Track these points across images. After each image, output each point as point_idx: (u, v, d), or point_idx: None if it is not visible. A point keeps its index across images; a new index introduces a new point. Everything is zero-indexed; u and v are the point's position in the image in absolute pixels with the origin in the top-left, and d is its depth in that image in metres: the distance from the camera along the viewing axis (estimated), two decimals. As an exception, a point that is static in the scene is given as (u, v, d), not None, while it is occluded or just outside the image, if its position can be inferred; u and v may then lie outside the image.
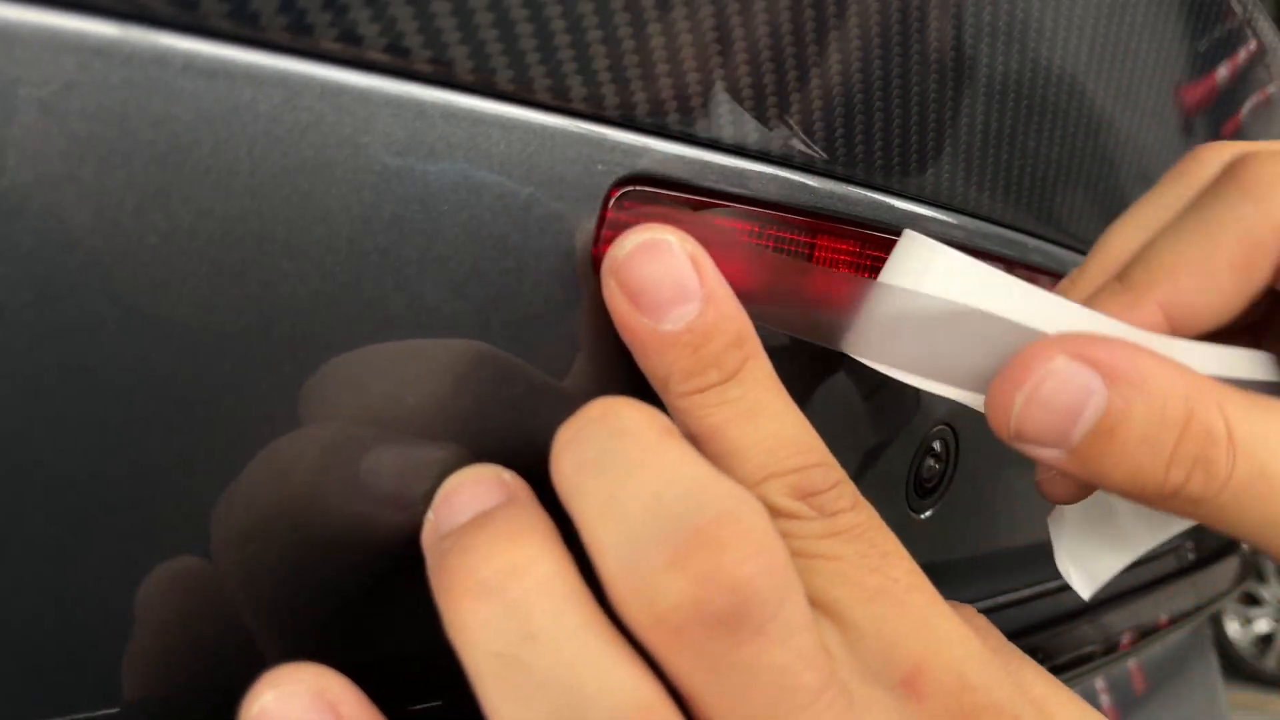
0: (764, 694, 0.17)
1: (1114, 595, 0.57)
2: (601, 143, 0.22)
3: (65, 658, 0.18)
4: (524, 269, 0.21)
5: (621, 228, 0.23)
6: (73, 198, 0.16)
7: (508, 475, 0.21)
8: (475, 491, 0.20)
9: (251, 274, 0.18)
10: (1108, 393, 0.22)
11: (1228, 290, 0.24)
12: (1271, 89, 0.49)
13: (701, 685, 0.17)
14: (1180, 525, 0.30)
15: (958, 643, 0.20)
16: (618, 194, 0.22)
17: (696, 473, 0.18)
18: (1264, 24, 0.45)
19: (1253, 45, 0.44)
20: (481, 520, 0.19)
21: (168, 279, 0.17)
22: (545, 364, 0.22)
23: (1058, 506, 0.31)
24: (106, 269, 0.16)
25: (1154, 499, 0.23)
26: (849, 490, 0.21)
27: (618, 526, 0.18)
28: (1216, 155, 0.26)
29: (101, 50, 0.15)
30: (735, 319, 0.21)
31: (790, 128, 0.25)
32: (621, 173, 0.22)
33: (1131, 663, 0.65)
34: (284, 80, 0.17)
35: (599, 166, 0.22)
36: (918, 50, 0.28)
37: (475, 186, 0.20)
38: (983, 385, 0.24)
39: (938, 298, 0.24)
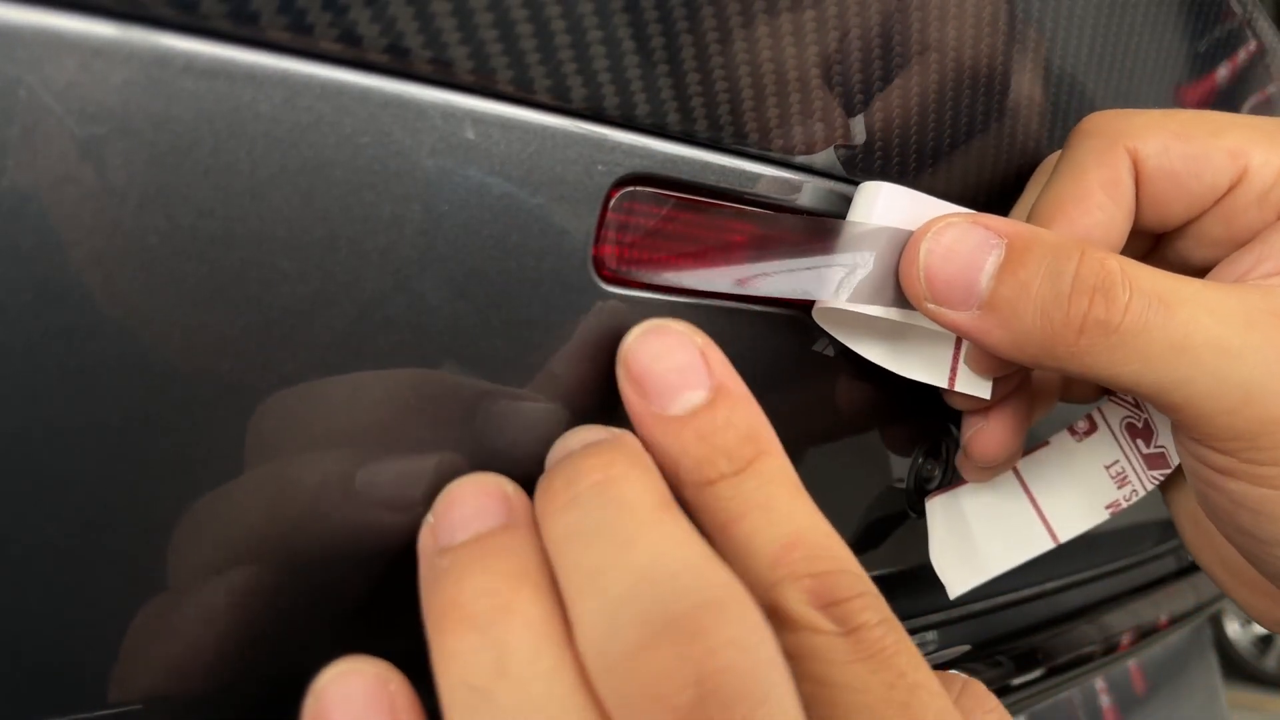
0: None
1: (1114, 595, 0.57)
2: (601, 143, 0.22)
3: (65, 658, 0.18)
4: (524, 269, 0.21)
5: (621, 228, 0.23)
6: (73, 198, 0.16)
7: (510, 488, 0.20)
8: (478, 505, 0.20)
9: (252, 274, 0.18)
10: (1005, 243, 0.25)
11: (1108, 208, 0.27)
12: (1271, 89, 0.49)
13: None
14: (1032, 550, 0.34)
15: None
16: (618, 194, 0.22)
17: (689, 554, 0.17)
18: (1264, 24, 0.45)
19: (1253, 45, 0.44)
20: (481, 548, 0.18)
21: (168, 279, 0.17)
22: (544, 365, 0.22)
23: (931, 501, 0.34)
24: (106, 269, 0.16)
25: (1065, 338, 0.24)
26: (877, 604, 0.19)
27: (598, 601, 0.17)
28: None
29: (101, 50, 0.15)
30: (747, 413, 0.21)
31: (801, 130, 0.25)
32: (621, 173, 0.22)
33: (1131, 663, 0.65)
34: (284, 80, 0.17)
35: (599, 167, 0.22)
36: (918, 51, 0.28)
37: (475, 186, 0.20)
38: None
39: (884, 225, 0.26)
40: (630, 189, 0.23)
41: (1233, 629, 3.03)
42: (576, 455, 0.20)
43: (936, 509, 0.34)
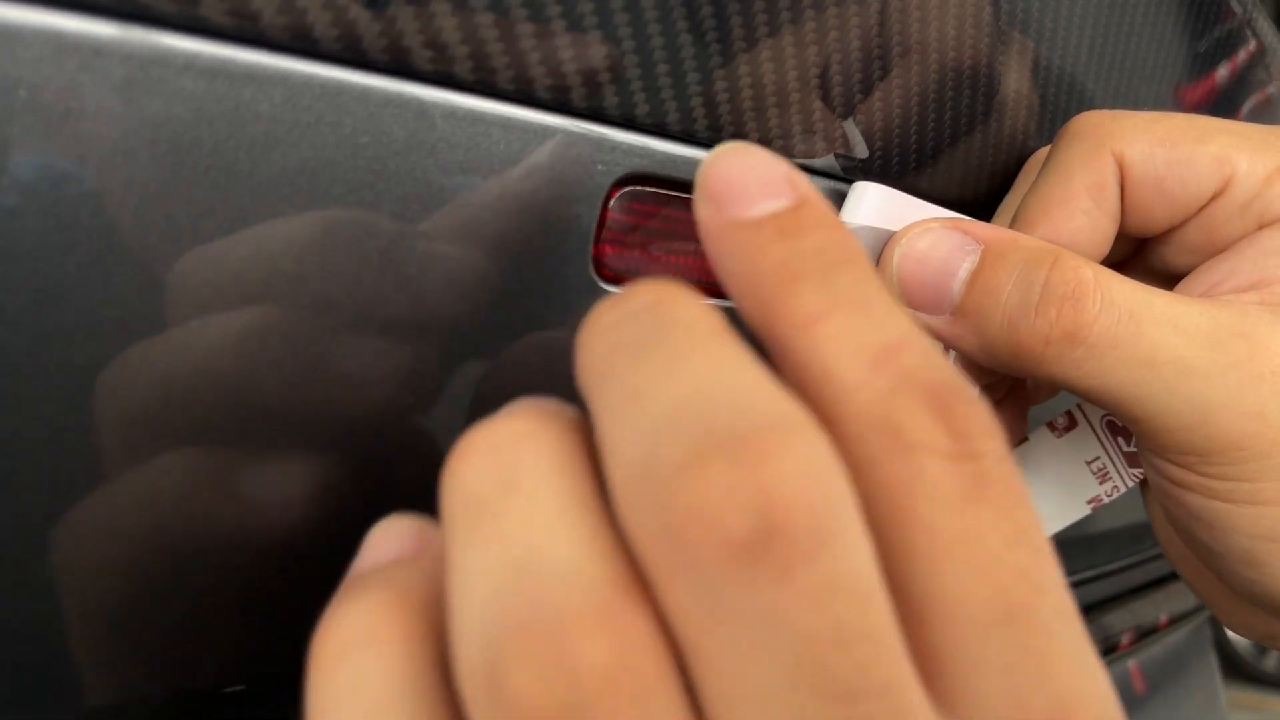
0: (772, 665, 0.13)
1: (1114, 595, 0.57)
2: (601, 143, 0.22)
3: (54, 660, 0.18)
4: (524, 269, 0.21)
5: (621, 228, 0.23)
6: (73, 198, 0.16)
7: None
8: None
9: (251, 275, 0.18)
10: (981, 249, 0.25)
11: (1092, 213, 0.27)
12: (1271, 89, 0.49)
13: (698, 629, 0.13)
14: (1057, 524, 0.33)
15: (1106, 682, 0.15)
16: (618, 194, 0.22)
17: (751, 375, 0.14)
18: (1264, 24, 0.45)
19: (1253, 45, 0.44)
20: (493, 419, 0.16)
21: (168, 279, 0.17)
22: (545, 365, 0.22)
23: None
24: (106, 269, 0.16)
25: (1032, 347, 0.24)
26: (1001, 437, 0.15)
27: (638, 418, 0.14)
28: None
29: (101, 50, 0.15)
30: (834, 222, 0.17)
31: (816, 133, 0.25)
32: (621, 173, 0.22)
33: (1131, 663, 0.65)
34: (284, 80, 0.17)
35: (599, 166, 0.22)
36: (918, 51, 0.28)
37: (475, 186, 0.20)
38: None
39: (868, 225, 0.26)
40: (630, 189, 0.23)
41: (1233, 629, 3.03)
42: (627, 289, 0.17)
43: None
